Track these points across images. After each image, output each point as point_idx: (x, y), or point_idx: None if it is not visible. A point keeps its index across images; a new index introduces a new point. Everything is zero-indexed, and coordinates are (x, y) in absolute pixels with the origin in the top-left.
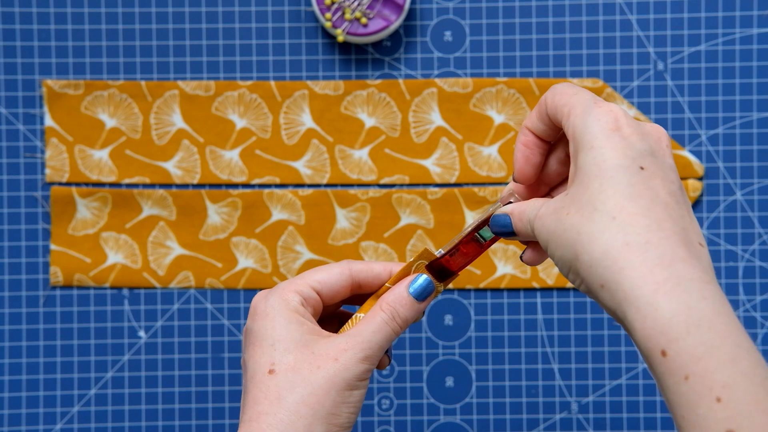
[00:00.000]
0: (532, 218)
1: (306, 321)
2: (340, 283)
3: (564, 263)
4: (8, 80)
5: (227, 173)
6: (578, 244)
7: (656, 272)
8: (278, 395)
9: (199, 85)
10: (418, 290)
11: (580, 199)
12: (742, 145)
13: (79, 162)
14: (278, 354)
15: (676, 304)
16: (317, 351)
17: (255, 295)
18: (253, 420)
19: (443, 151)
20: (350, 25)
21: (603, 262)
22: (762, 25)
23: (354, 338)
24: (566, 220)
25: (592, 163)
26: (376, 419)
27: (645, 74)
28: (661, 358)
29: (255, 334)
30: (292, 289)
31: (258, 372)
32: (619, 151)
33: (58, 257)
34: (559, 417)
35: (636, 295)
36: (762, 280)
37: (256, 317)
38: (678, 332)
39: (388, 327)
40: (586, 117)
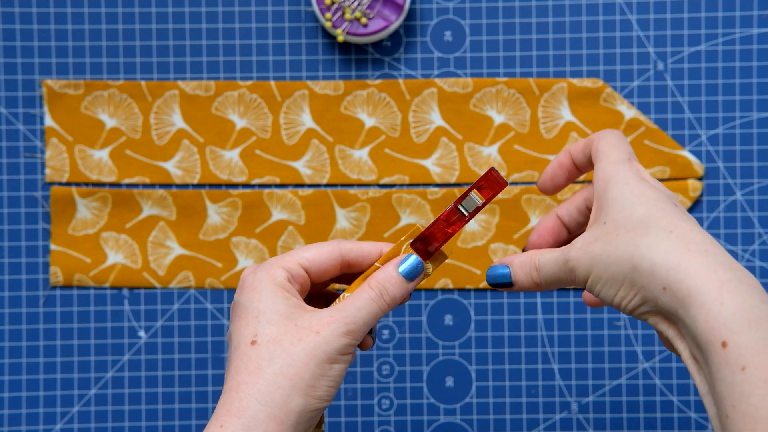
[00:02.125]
0: (540, 266)
1: (291, 296)
2: (329, 262)
3: (615, 280)
4: (8, 80)
5: (227, 173)
6: (636, 256)
7: (720, 273)
8: (258, 365)
9: (199, 85)
10: (407, 269)
11: (626, 222)
12: (742, 145)
13: (79, 162)
14: (261, 325)
15: (740, 301)
16: (300, 323)
17: (244, 269)
18: (233, 389)
19: (443, 151)
20: (350, 25)
21: (666, 265)
22: (762, 25)
23: (338, 312)
24: (617, 241)
25: (630, 194)
26: (376, 419)
27: (645, 74)
28: (720, 349)
29: (241, 307)
30: (279, 265)
31: (241, 343)
32: (655, 189)
33: (58, 257)
34: (559, 417)
35: (701, 291)
36: (762, 280)
37: (244, 290)
38: (740, 326)
39: (375, 304)
40: (619, 164)
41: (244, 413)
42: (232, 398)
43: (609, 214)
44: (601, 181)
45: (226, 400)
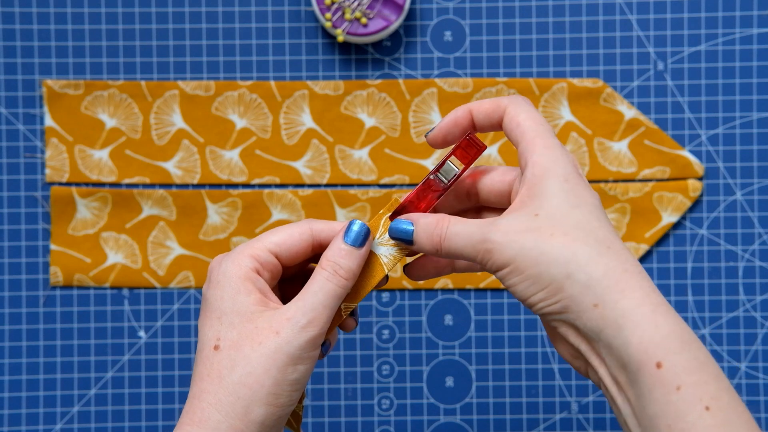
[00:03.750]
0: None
1: (255, 290)
2: (300, 244)
3: (541, 281)
4: (8, 80)
5: (227, 173)
6: (573, 264)
7: (652, 296)
8: (219, 374)
9: (199, 85)
10: (353, 236)
11: (562, 223)
12: (742, 145)
13: (79, 162)
14: (223, 329)
15: (672, 324)
16: (260, 324)
17: (213, 259)
18: (195, 397)
19: (443, 151)
20: (350, 25)
21: (603, 282)
22: (762, 25)
23: (296, 304)
24: (552, 241)
25: (569, 194)
26: (376, 419)
27: (645, 74)
28: (654, 370)
29: (206, 303)
30: (247, 254)
31: (205, 346)
32: (591, 192)
33: (58, 257)
34: (559, 417)
35: (636, 312)
36: (762, 280)
37: (210, 284)
38: (674, 347)
39: (331, 283)
40: (555, 150)
41: (205, 423)
42: (195, 406)
43: (543, 207)
44: (537, 168)
45: (190, 407)
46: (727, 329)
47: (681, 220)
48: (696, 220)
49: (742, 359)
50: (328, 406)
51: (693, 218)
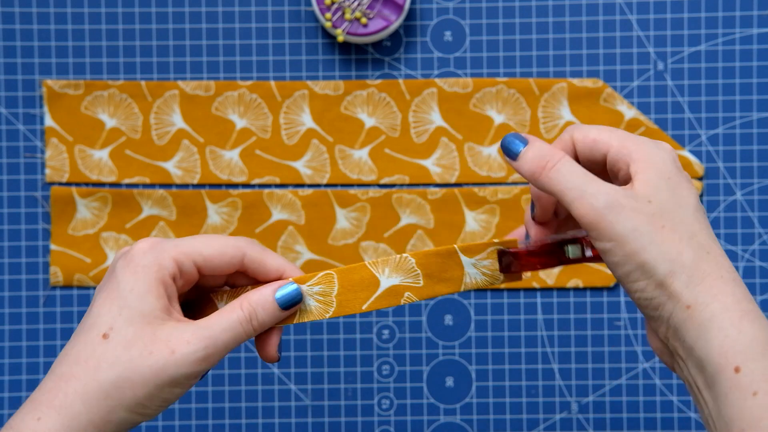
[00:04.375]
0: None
1: (164, 296)
2: (226, 266)
3: (643, 269)
4: (8, 80)
5: (227, 173)
6: (676, 264)
7: (743, 303)
8: (97, 365)
9: (199, 85)
10: (285, 298)
11: (671, 217)
12: (742, 145)
13: (79, 162)
14: (120, 320)
15: (758, 331)
16: (158, 334)
17: (144, 239)
18: (62, 378)
19: (443, 151)
20: (350, 25)
21: (700, 286)
22: (762, 25)
23: (200, 331)
24: (663, 233)
25: (673, 191)
26: (376, 419)
27: (645, 74)
28: (732, 374)
29: (116, 282)
30: (173, 256)
31: (94, 328)
32: (691, 191)
33: (58, 257)
34: (559, 417)
35: (724, 317)
36: (762, 280)
37: (128, 267)
38: (755, 353)
39: (241, 328)
40: (653, 148)
41: (65, 411)
42: (58, 388)
43: (653, 195)
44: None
45: (52, 387)
46: None
47: None
48: None
49: None
50: (328, 406)
51: None
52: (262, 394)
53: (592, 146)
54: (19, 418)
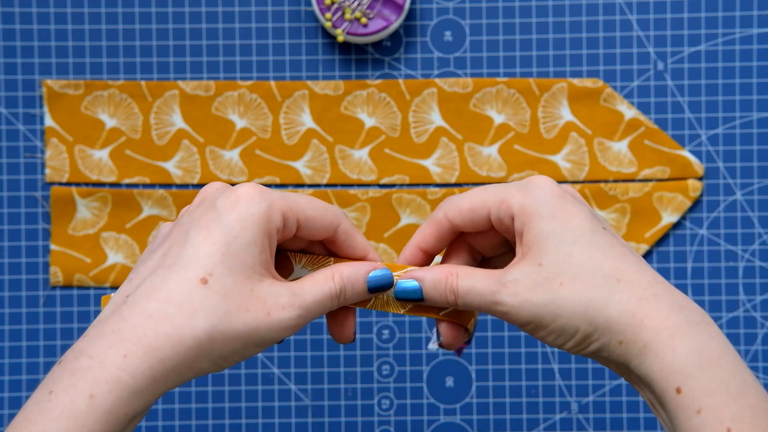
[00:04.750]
0: (461, 288)
1: (267, 250)
2: (323, 230)
3: (566, 332)
4: (8, 80)
5: (227, 173)
6: (590, 311)
7: (671, 318)
8: (193, 312)
9: (199, 85)
10: (377, 281)
11: (567, 267)
12: (742, 145)
13: (79, 162)
14: (221, 267)
15: (690, 345)
16: (256, 291)
17: (249, 183)
18: (153, 317)
19: (443, 151)
20: (350, 25)
21: (621, 320)
22: (762, 25)
23: (296, 298)
24: (563, 292)
25: (562, 231)
26: (376, 419)
27: (645, 74)
28: (675, 395)
29: (219, 224)
30: (282, 209)
31: (192, 268)
32: (581, 217)
33: (58, 257)
34: (559, 417)
35: (655, 341)
36: (762, 280)
37: (235, 210)
38: (692, 370)
39: (330, 302)
40: (528, 191)
41: (154, 353)
42: (148, 327)
43: (543, 254)
44: (523, 216)
45: (140, 323)
46: (727, 329)
47: (681, 220)
48: (696, 220)
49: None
50: (328, 406)
51: (693, 218)
52: (262, 394)
53: (472, 216)
54: (99, 348)
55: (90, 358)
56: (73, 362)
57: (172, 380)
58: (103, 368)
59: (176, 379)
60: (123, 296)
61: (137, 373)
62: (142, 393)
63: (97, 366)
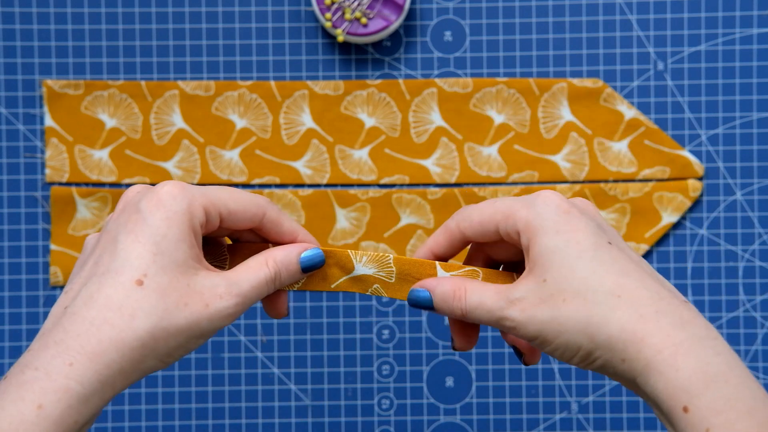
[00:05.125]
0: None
1: (195, 245)
2: (247, 222)
3: (570, 348)
4: (8, 80)
5: (227, 173)
6: (591, 327)
7: (673, 335)
8: (133, 313)
9: (199, 85)
10: (309, 261)
11: (569, 284)
12: (742, 145)
13: (79, 162)
14: (155, 267)
15: (695, 362)
16: (192, 285)
17: (170, 182)
18: (95, 324)
19: (443, 151)
20: (350, 25)
21: (622, 337)
22: (762, 25)
23: (232, 286)
24: (565, 308)
25: (565, 246)
26: (376, 419)
27: (645, 74)
28: (683, 414)
29: (145, 224)
30: (203, 204)
31: (125, 271)
32: (585, 232)
33: (58, 257)
34: (559, 417)
35: (657, 359)
36: (762, 280)
37: (159, 210)
38: (698, 388)
39: (266, 287)
40: (533, 207)
41: (99, 359)
42: (91, 334)
43: (548, 271)
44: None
45: (83, 332)
46: (727, 329)
47: (681, 220)
48: (696, 220)
49: (742, 359)
50: (328, 406)
51: (693, 218)
52: (262, 394)
53: (481, 229)
54: (44, 359)
55: (36, 370)
56: (18, 376)
57: (120, 383)
58: (50, 378)
59: (124, 382)
60: (62, 308)
61: (84, 380)
62: (91, 399)
63: (43, 377)
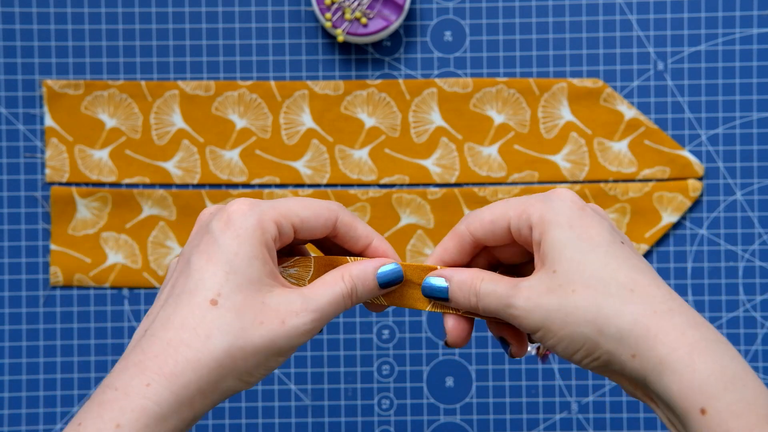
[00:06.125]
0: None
1: (270, 260)
2: (320, 228)
3: (575, 341)
4: (8, 80)
5: (227, 173)
6: (600, 319)
7: (688, 334)
8: (209, 333)
9: (199, 85)
10: (386, 276)
11: (580, 275)
12: (742, 145)
13: (79, 162)
14: (228, 286)
15: (712, 363)
16: (267, 302)
17: (239, 199)
18: (171, 345)
19: (443, 151)
20: (350, 25)
21: (635, 332)
22: (762, 25)
23: (308, 302)
24: (574, 298)
25: (578, 240)
26: (376, 419)
27: (645, 74)
28: (700, 416)
29: (216, 245)
30: (273, 218)
31: (199, 292)
32: (599, 228)
33: (58, 257)
34: (559, 417)
35: (672, 357)
36: (762, 280)
37: (229, 229)
38: (716, 390)
39: (342, 302)
40: (548, 202)
41: (176, 379)
42: (167, 355)
43: (558, 262)
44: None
45: (160, 352)
46: (727, 329)
47: (681, 220)
48: (696, 220)
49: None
50: (328, 406)
51: (693, 218)
52: (262, 394)
53: (492, 228)
54: (123, 380)
55: (115, 390)
56: (100, 395)
57: (199, 403)
58: (128, 398)
59: (203, 401)
60: (142, 331)
61: (161, 400)
62: (168, 419)
63: (122, 397)
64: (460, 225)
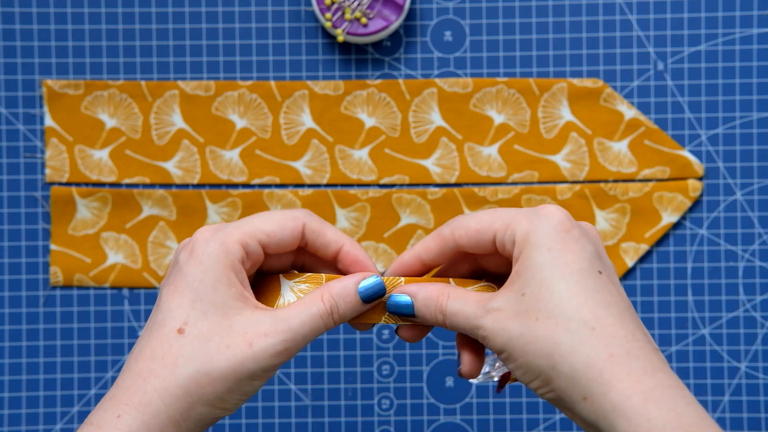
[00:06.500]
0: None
1: (236, 282)
2: (289, 240)
3: (532, 371)
4: (8, 80)
5: (227, 173)
6: (556, 355)
7: (643, 381)
8: (175, 361)
9: (199, 85)
10: (368, 290)
11: (546, 303)
12: (742, 145)
13: (79, 162)
14: (194, 314)
15: (666, 412)
16: (234, 325)
17: (203, 227)
18: (141, 376)
19: (443, 151)
20: (350, 25)
21: (587, 374)
22: (762, 25)
23: (278, 324)
24: (536, 327)
25: (552, 264)
26: (376, 419)
27: (645, 74)
28: None
29: (182, 275)
30: (237, 239)
31: (167, 323)
32: (578, 255)
33: (58, 257)
34: (559, 417)
35: (626, 406)
36: (762, 280)
37: (192, 258)
38: None
39: (321, 321)
40: (534, 218)
41: (145, 409)
42: (138, 386)
43: (528, 285)
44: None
45: (131, 385)
46: (727, 329)
47: (681, 220)
48: (696, 220)
49: (742, 359)
50: (328, 406)
51: (693, 218)
52: (262, 394)
53: (477, 237)
54: (98, 414)
55: (91, 425)
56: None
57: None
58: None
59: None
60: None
61: (132, 430)
62: None
63: (95, 430)
64: (445, 228)
